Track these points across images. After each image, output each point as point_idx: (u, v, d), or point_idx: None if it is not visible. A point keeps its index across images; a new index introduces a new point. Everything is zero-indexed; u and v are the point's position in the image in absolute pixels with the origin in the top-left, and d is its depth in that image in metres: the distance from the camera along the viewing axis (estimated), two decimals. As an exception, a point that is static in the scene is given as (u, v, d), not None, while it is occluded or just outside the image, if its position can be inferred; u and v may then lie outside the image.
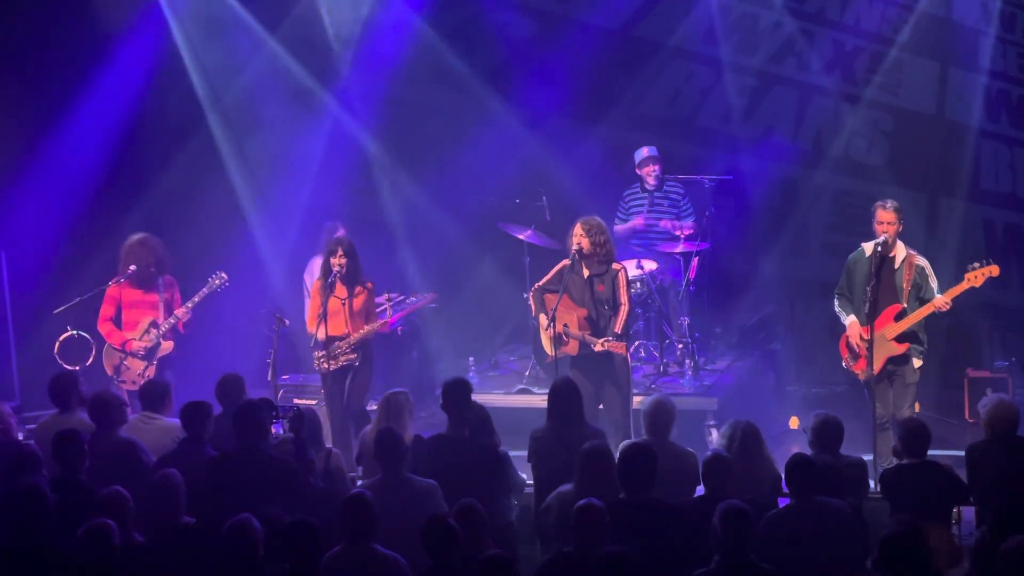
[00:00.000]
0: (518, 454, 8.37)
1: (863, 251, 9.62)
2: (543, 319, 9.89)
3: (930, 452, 7.74)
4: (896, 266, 9.48)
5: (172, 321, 10.39)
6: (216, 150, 12.53)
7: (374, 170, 12.93)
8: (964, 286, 9.32)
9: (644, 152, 11.98)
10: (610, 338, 9.57)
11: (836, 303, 9.76)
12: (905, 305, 9.43)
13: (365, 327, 10.01)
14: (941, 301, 9.29)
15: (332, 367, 10.00)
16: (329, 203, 12.47)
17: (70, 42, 11.83)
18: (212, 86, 12.41)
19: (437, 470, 7.74)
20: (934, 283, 9.48)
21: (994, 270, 9.29)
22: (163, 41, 12.26)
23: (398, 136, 12.97)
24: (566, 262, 9.91)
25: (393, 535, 6.87)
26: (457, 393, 8.17)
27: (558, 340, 9.76)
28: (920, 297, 9.45)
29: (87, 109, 11.91)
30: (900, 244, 9.49)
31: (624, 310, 9.82)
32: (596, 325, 9.79)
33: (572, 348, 9.85)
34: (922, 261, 9.53)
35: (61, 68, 11.85)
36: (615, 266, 9.93)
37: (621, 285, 9.87)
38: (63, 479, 7.64)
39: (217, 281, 10.52)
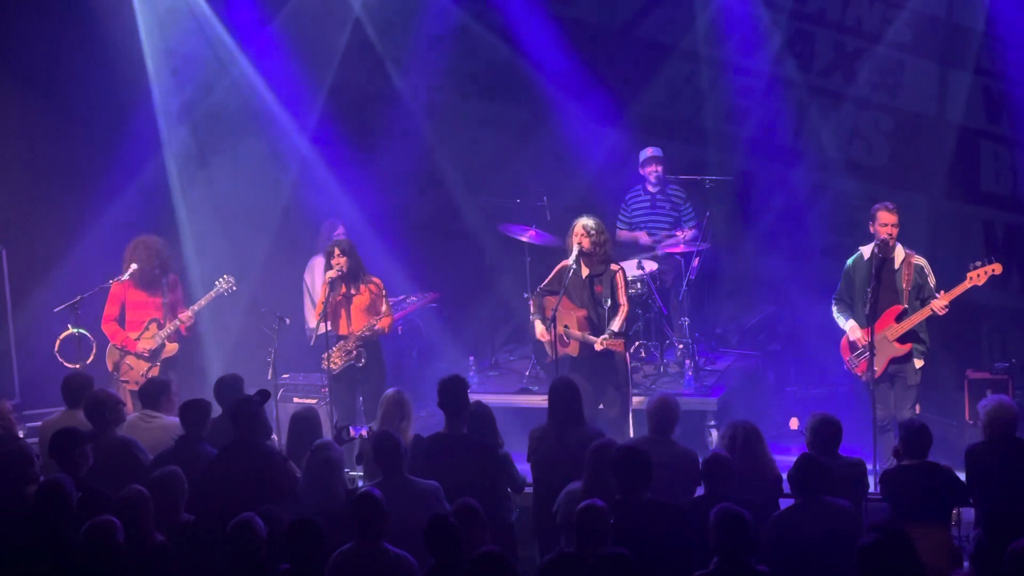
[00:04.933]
0: (518, 454, 8.38)
1: (861, 255, 9.66)
2: (539, 325, 9.90)
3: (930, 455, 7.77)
4: (896, 267, 9.51)
5: (176, 324, 10.39)
6: (217, 149, 12.52)
7: (374, 170, 12.92)
8: (966, 285, 9.36)
9: (648, 152, 11.99)
10: (607, 336, 9.59)
11: (834, 308, 9.78)
12: (906, 305, 9.46)
13: (363, 323, 10.03)
14: (939, 305, 9.33)
15: (335, 367, 10.02)
16: (328, 203, 12.47)
17: (68, 38, 11.82)
18: (206, 88, 12.40)
19: (436, 469, 7.75)
20: (932, 281, 9.51)
21: (997, 268, 9.33)
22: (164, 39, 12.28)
23: (398, 136, 12.97)
24: (566, 262, 9.93)
25: (395, 536, 6.88)
26: (454, 391, 8.18)
27: (559, 340, 9.78)
28: (920, 297, 9.47)
29: (90, 104, 11.90)
30: (899, 245, 9.52)
31: (623, 310, 9.88)
32: (595, 326, 9.82)
33: (573, 349, 9.87)
34: (920, 260, 9.56)
35: (60, 65, 11.83)
36: (613, 267, 9.97)
37: (620, 285, 9.92)
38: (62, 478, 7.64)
39: (225, 285, 10.53)
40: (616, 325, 9.77)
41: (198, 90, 12.38)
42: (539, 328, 9.97)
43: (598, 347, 9.61)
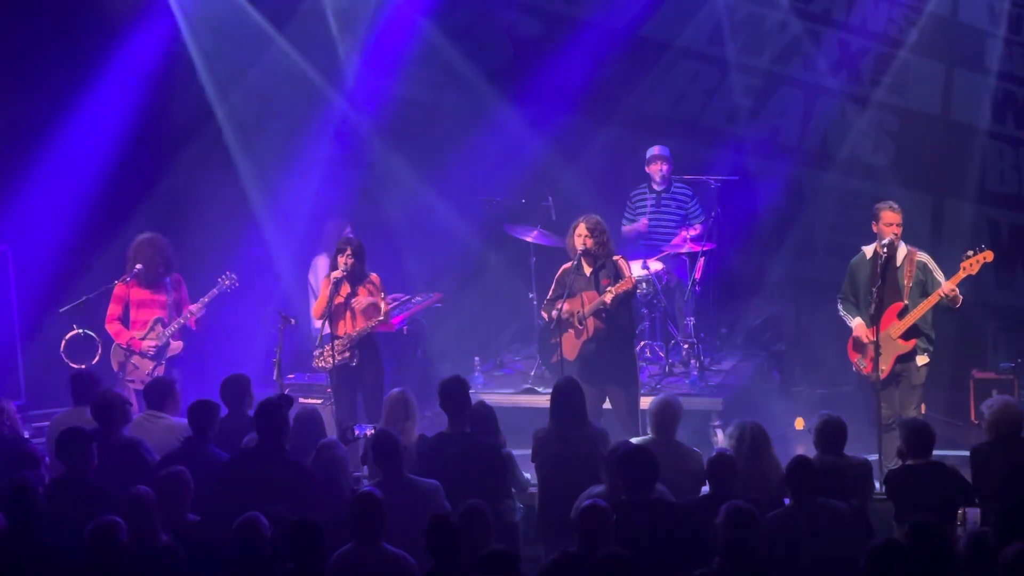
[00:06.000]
0: (522, 453, 8.39)
1: (864, 254, 9.66)
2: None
3: (936, 453, 7.75)
4: (898, 264, 9.51)
5: (181, 321, 10.41)
6: (223, 148, 12.54)
7: (380, 169, 12.93)
8: (960, 276, 9.37)
9: (654, 150, 12.00)
10: (611, 289, 9.56)
11: (840, 307, 9.79)
12: (907, 302, 9.46)
13: (362, 324, 10.06)
14: (947, 288, 9.32)
15: (328, 365, 10.04)
16: (334, 202, 12.48)
17: (78, 38, 11.84)
18: (219, 84, 12.42)
19: (440, 469, 7.75)
20: (940, 276, 9.52)
21: (988, 256, 9.33)
22: (170, 37, 12.27)
23: (405, 136, 12.98)
24: (566, 266, 9.93)
25: (395, 536, 6.89)
26: (455, 391, 8.19)
27: (578, 331, 9.77)
28: (924, 293, 9.48)
29: (95, 105, 11.93)
30: (901, 243, 9.53)
31: (629, 279, 9.74)
32: (604, 315, 9.78)
33: (589, 329, 9.82)
34: (923, 256, 9.56)
35: (69, 64, 11.85)
36: (615, 257, 9.94)
37: (623, 267, 9.87)
38: (69, 477, 7.66)
39: (227, 282, 10.56)
40: (619, 287, 9.67)
41: (213, 88, 12.41)
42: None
43: (608, 299, 9.56)
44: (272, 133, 12.63)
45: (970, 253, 9.36)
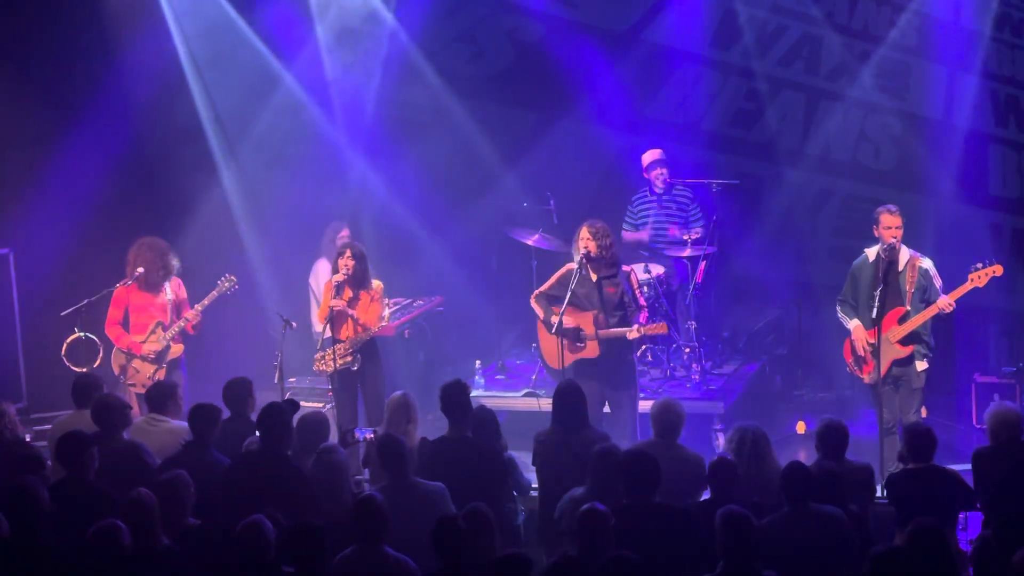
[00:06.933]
0: (524, 455, 8.39)
1: (866, 257, 9.65)
2: (544, 336, 9.86)
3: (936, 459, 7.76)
4: (900, 269, 9.50)
5: (181, 324, 10.41)
6: (221, 152, 12.54)
7: (381, 173, 12.93)
8: (968, 286, 9.35)
9: (654, 155, 11.98)
10: (638, 325, 9.57)
11: (839, 310, 9.78)
12: (909, 307, 9.45)
13: (362, 329, 10.05)
14: (945, 302, 9.32)
15: (330, 369, 10.04)
16: (335, 205, 12.48)
17: (79, 45, 11.88)
18: (217, 90, 12.42)
19: (441, 472, 7.75)
20: (939, 283, 9.51)
21: (998, 270, 9.31)
22: (170, 42, 12.28)
23: (405, 141, 12.98)
24: (570, 266, 9.90)
25: (403, 539, 6.89)
26: (456, 395, 8.19)
27: (573, 346, 9.75)
28: (925, 299, 9.46)
29: (97, 110, 11.93)
30: (903, 247, 9.52)
31: (645, 311, 9.82)
32: (609, 326, 9.77)
33: (591, 351, 9.80)
34: (926, 263, 9.54)
35: (70, 70, 11.88)
36: (624, 268, 9.93)
37: (635, 286, 9.89)
38: (69, 481, 7.66)
39: (227, 284, 10.55)
40: (642, 319, 9.76)
41: (205, 95, 12.42)
42: (543, 337, 9.91)
43: (632, 336, 9.57)
44: (273, 137, 12.61)
45: (979, 265, 9.33)
